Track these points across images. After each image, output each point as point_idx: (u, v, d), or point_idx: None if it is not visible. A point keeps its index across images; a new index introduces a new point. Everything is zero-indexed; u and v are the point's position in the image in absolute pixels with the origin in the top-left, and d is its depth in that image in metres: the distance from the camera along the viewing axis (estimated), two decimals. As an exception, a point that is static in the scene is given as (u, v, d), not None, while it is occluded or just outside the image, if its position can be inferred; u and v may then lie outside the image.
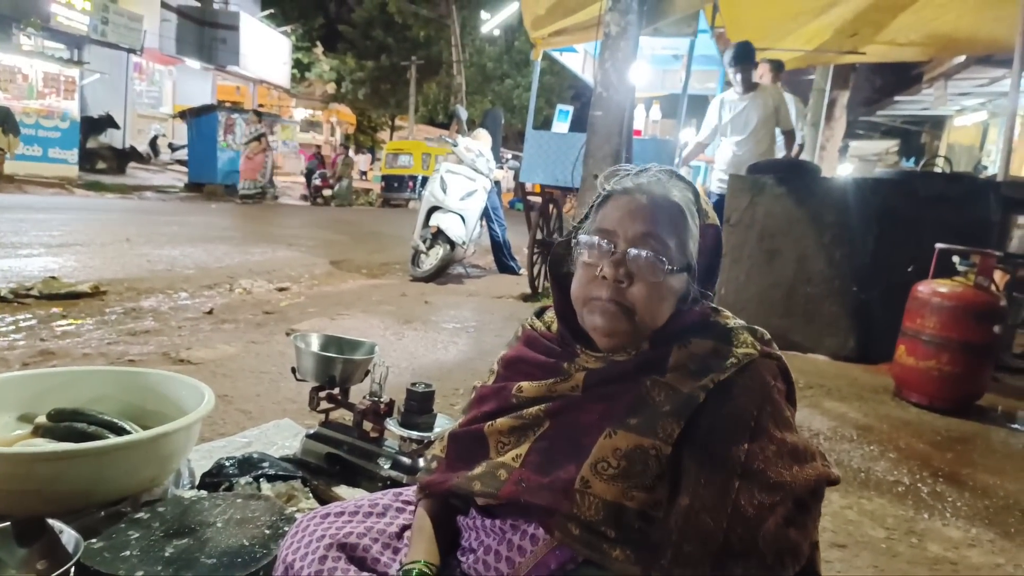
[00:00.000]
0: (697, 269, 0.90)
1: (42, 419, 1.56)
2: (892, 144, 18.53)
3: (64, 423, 1.53)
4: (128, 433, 1.50)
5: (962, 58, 8.68)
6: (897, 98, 12.29)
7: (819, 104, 8.76)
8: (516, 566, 0.86)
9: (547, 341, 0.99)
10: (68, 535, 1.09)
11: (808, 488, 0.80)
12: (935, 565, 1.78)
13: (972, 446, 2.73)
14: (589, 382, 0.89)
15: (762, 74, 5.34)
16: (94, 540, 1.22)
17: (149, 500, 1.46)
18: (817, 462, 0.83)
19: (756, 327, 0.91)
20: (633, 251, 0.87)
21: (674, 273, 0.87)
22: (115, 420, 1.55)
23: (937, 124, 14.52)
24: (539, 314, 1.07)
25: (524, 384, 0.94)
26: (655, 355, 0.87)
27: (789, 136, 5.03)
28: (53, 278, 4.48)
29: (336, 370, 1.90)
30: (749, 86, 4.91)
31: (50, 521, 1.10)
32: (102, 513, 1.37)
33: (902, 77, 11.45)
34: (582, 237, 0.92)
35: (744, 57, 4.86)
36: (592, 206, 0.96)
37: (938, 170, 4.76)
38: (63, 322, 3.67)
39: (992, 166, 9.87)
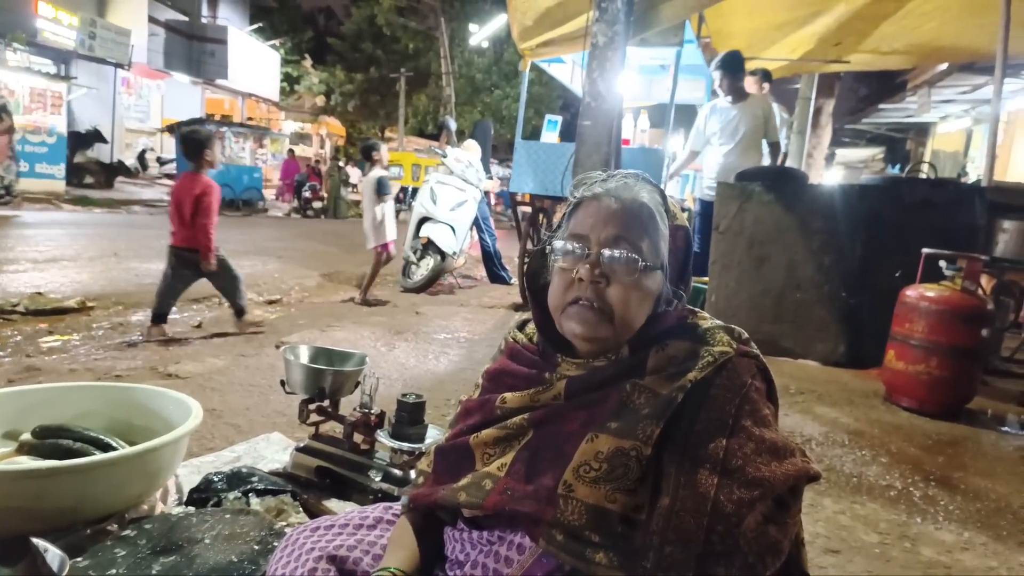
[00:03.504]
0: (669, 269, 0.92)
1: (27, 436, 1.54)
2: (878, 151, 18.71)
3: (49, 440, 1.51)
4: (114, 449, 1.48)
5: (945, 66, 8.79)
6: (882, 106, 12.43)
7: (805, 112, 8.84)
8: None
9: (529, 353, 1.00)
10: (53, 554, 1.08)
11: (787, 484, 0.80)
12: (929, 569, 1.78)
13: (963, 449, 2.74)
14: (571, 390, 0.90)
15: (747, 85, 5.38)
16: (80, 559, 1.20)
17: (136, 517, 1.44)
18: (796, 458, 0.83)
19: (733, 327, 0.92)
20: (607, 252, 0.89)
21: (648, 271, 0.89)
22: (101, 436, 1.53)
23: (922, 131, 14.68)
24: (521, 327, 1.08)
25: (508, 395, 0.95)
26: (634, 359, 0.88)
27: (775, 147, 5.06)
28: (39, 294, 4.45)
29: (326, 382, 1.88)
30: (739, 95, 4.94)
31: (34, 540, 1.08)
32: (88, 531, 1.35)
33: (886, 85, 11.59)
34: (556, 243, 0.94)
35: (730, 64, 4.88)
36: (564, 215, 0.98)
37: (923, 176, 4.81)
38: (49, 338, 3.63)
39: (975, 172, 9.99)
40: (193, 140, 3.99)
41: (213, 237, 3.86)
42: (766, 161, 5.07)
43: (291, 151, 20.95)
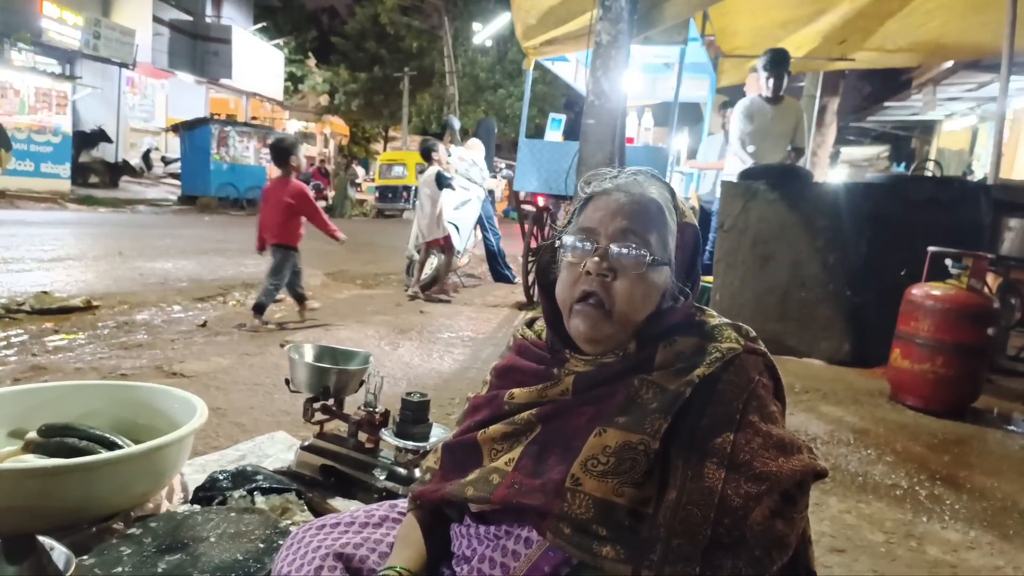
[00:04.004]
0: (676, 265, 0.93)
1: (32, 435, 1.54)
2: (883, 149, 18.65)
3: (55, 438, 1.51)
4: (120, 447, 1.48)
5: (950, 63, 8.77)
6: (887, 104, 12.40)
7: (810, 110, 8.82)
8: (511, 572, 0.85)
9: (538, 349, 1.00)
10: (59, 552, 1.08)
11: (794, 480, 0.80)
12: (934, 568, 1.78)
13: (969, 448, 2.73)
14: (578, 386, 0.90)
15: (751, 82, 5.35)
16: (85, 557, 1.21)
17: (141, 515, 1.44)
18: (803, 454, 0.84)
19: (740, 324, 0.92)
20: (615, 246, 0.89)
21: (656, 265, 0.89)
22: (107, 435, 1.53)
23: (927, 129, 14.63)
24: (530, 324, 1.08)
25: (516, 391, 0.95)
26: (642, 355, 0.89)
27: (799, 152, 4.96)
28: (45, 293, 4.46)
29: (330, 381, 1.89)
30: (778, 96, 4.84)
31: (40, 538, 1.09)
32: (93, 529, 1.35)
33: (891, 83, 11.57)
34: (565, 238, 0.94)
35: (781, 63, 4.78)
36: (574, 211, 0.99)
37: (928, 174, 4.79)
38: (55, 337, 3.64)
39: (981, 170, 9.96)
40: (280, 148, 4.32)
41: (328, 221, 4.48)
42: None
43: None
